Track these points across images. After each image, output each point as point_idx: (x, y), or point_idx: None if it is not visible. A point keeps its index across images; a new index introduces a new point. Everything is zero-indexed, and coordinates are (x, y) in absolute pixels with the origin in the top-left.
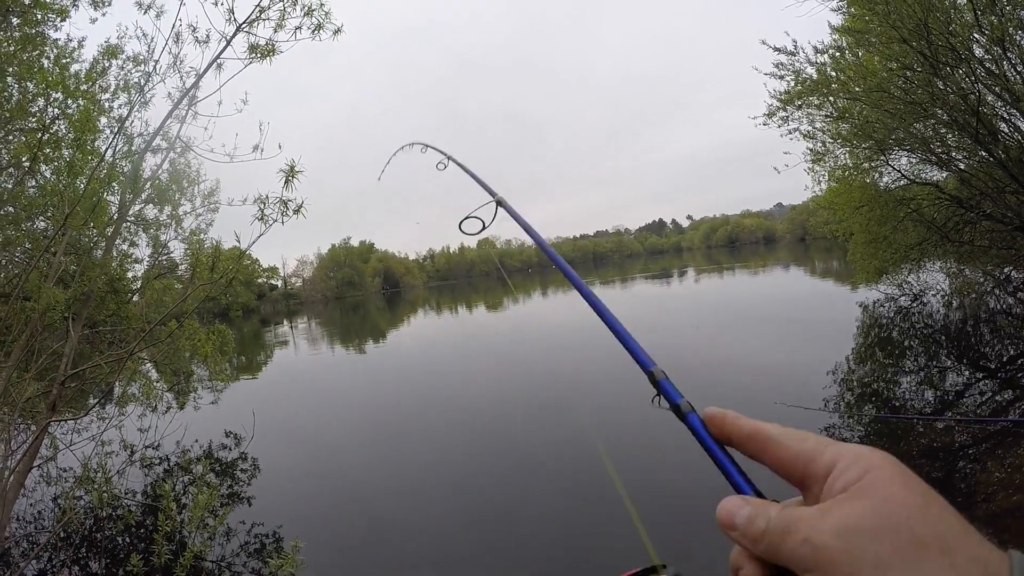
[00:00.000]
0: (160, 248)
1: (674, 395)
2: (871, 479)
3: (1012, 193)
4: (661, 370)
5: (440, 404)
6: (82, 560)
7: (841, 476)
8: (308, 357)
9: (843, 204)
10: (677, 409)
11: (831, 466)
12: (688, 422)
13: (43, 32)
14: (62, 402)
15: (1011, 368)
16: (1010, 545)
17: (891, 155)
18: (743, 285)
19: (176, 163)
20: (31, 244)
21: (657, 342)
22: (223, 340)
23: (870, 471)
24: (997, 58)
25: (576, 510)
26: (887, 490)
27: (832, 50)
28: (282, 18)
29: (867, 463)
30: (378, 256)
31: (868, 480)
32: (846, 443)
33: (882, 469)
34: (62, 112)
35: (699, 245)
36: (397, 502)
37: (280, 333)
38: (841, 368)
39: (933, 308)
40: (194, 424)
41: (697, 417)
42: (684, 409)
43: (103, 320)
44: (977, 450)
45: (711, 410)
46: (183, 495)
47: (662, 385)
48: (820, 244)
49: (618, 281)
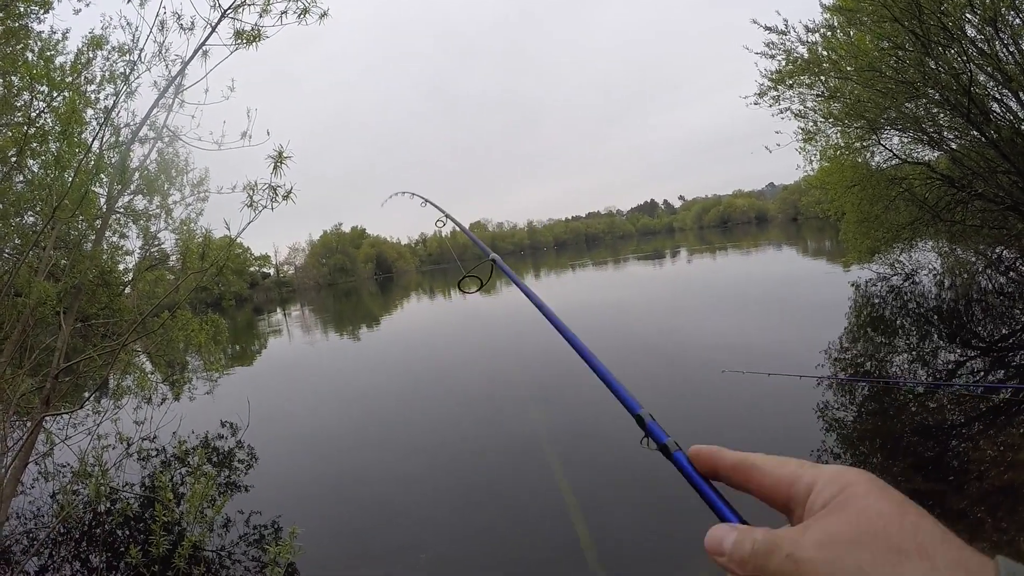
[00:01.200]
0: (150, 239)
1: (661, 436)
2: (848, 494)
3: (1004, 173)
4: (648, 413)
5: (434, 389)
6: (82, 554)
7: (820, 495)
8: (302, 345)
9: (835, 184)
10: (665, 449)
11: (811, 487)
12: (675, 460)
13: (26, 25)
14: (56, 396)
15: (1002, 346)
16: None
17: (883, 134)
18: (735, 265)
19: (164, 152)
20: (20, 239)
21: (650, 323)
22: (216, 330)
23: (847, 488)
24: (989, 38)
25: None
26: (864, 502)
27: (823, 29)
28: (267, 3)
29: (844, 481)
30: (370, 241)
31: (845, 495)
32: (825, 465)
33: (858, 485)
34: (48, 105)
35: (691, 226)
36: (393, 488)
37: (274, 321)
38: (834, 347)
39: (925, 287)
40: (190, 415)
41: (683, 455)
42: (671, 448)
43: (95, 313)
44: (970, 428)
45: (697, 448)
46: (181, 486)
47: (649, 427)
48: (812, 224)
49: (611, 262)
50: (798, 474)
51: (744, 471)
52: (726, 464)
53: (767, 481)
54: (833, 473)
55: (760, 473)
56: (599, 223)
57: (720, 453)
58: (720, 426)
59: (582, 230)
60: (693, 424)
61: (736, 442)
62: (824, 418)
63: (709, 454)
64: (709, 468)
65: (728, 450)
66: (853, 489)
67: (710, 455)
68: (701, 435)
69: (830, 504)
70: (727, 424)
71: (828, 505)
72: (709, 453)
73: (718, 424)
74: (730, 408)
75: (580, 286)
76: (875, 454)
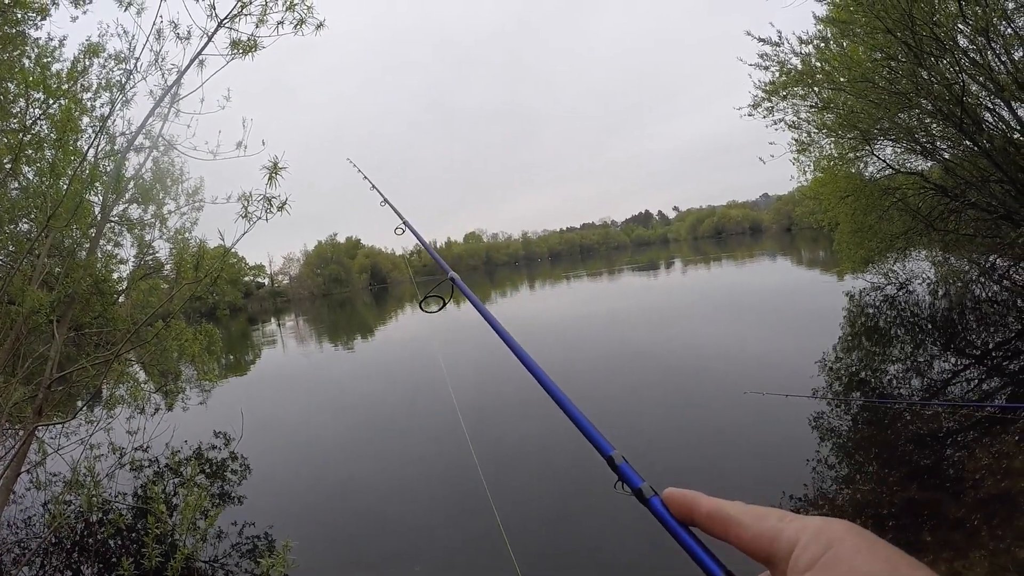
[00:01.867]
0: (145, 248)
1: (635, 479)
2: (834, 553)
3: (996, 182)
4: (620, 454)
5: (428, 399)
6: (74, 565)
7: (805, 552)
8: (296, 355)
9: (828, 194)
10: (639, 494)
11: (793, 543)
12: (651, 506)
13: (23, 31)
14: (49, 406)
15: (997, 355)
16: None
17: (876, 145)
18: (729, 276)
19: (159, 161)
20: (14, 247)
21: (646, 332)
22: (210, 340)
23: (832, 545)
24: (981, 48)
25: (567, 504)
26: (851, 562)
27: (817, 40)
28: (264, 13)
29: (828, 537)
30: (364, 252)
31: (832, 555)
32: (806, 517)
33: (844, 541)
34: (44, 112)
35: (686, 236)
36: (387, 498)
37: (268, 331)
38: (828, 357)
39: (919, 296)
40: (183, 425)
41: (659, 500)
42: (646, 494)
43: (89, 322)
44: (965, 437)
45: (671, 492)
46: (173, 497)
47: (622, 470)
48: (806, 234)
49: (605, 273)
50: (779, 528)
51: (721, 521)
52: (701, 512)
53: (746, 535)
54: (817, 528)
55: (738, 526)
56: (594, 234)
57: (695, 500)
58: (709, 438)
59: (577, 241)
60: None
61: (724, 450)
62: (819, 428)
63: (684, 500)
64: (685, 514)
65: (704, 496)
66: (840, 548)
67: (685, 501)
68: (679, 452)
69: (816, 565)
70: (717, 436)
71: (814, 567)
72: (684, 499)
73: (704, 434)
74: (723, 421)
75: (576, 298)
76: (870, 463)
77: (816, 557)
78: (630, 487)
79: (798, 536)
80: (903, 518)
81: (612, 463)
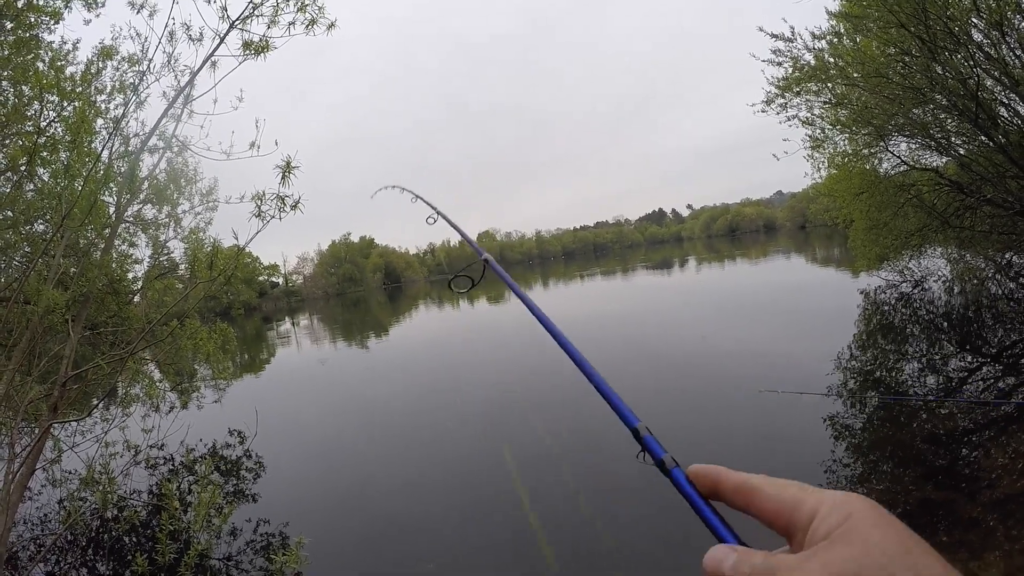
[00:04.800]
0: (159, 248)
1: (658, 450)
2: (852, 524)
3: (1012, 178)
4: (645, 426)
5: (443, 399)
6: (89, 562)
7: (823, 523)
8: (310, 354)
9: (843, 191)
10: (661, 464)
11: (813, 513)
12: (672, 477)
13: (37, 35)
14: (64, 404)
15: (1013, 353)
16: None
17: (890, 141)
18: (744, 274)
19: (173, 162)
20: (30, 247)
21: (661, 332)
22: (225, 338)
23: (851, 517)
24: (996, 42)
25: (580, 505)
26: (868, 535)
27: (830, 36)
28: (276, 14)
29: (847, 509)
30: (379, 251)
31: (849, 526)
32: (827, 490)
33: (863, 514)
34: (58, 114)
35: (699, 234)
36: (401, 497)
37: (282, 331)
38: (844, 355)
39: (935, 294)
40: (198, 423)
41: (681, 472)
42: (668, 465)
43: (104, 321)
44: (981, 436)
45: (696, 467)
46: (188, 494)
47: (646, 441)
48: (820, 231)
49: (619, 272)
50: (800, 499)
51: (746, 493)
52: (728, 485)
53: (769, 505)
54: (837, 500)
55: (762, 496)
56: (607, 232)
57: (722, 473)
58: (724, 436)
59: (590, 239)
60: (694, 435)
61: (739, 448)
62: (834, 426)
63: (709, 474)
64: (709, 488)
65: (730, 470)
66: (857, 519)
67: (711, 475)
68: (702, 445)
69: (833, 534)
70: (732, 434)
71: (831, 535)
72: (709, 473)
73: (719, 432)
74: (738, 419)
75: (590, 296)
76: (886, 462)
77: (833, 528)
78: (653, 458)
79: (818, 507)
80: (918, 517)
81: (637, 435)
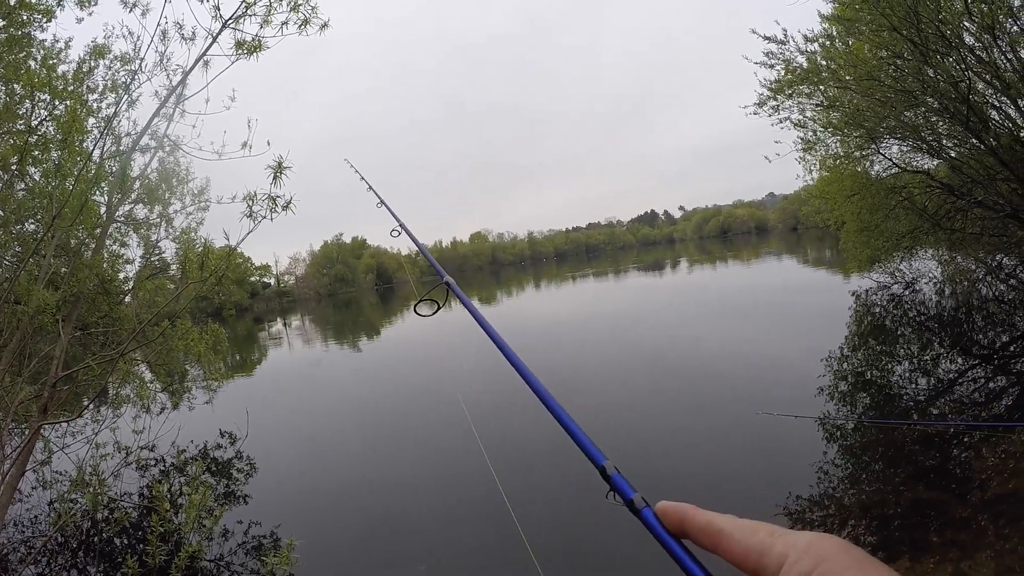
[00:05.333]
0: (151, 248)
1: (627, 490)
2: (824, 570)
3: (1003, 181)
4: (613, 464)
5: (433, 400)
6: (79, 564)
7: (793, 569)
8: (302, 355)
9: (834, 193)
10: (631, 504)
11: (782, 559)
12: (642, 518)
13: (29, 33)
14: (55, 404)
15: (1004, 355)
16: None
17: (882, 143)
18: (735, 275)
19: (165, 162)
20: (20, 247)
21: (651, 336)
22: (216, 339)
23: (822, 562)
24: (987, 45)
25: (572, 509)
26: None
27: (822, 39)
28: (268, 13)
29: (818, 554)
30: (370, 252)
31: (821, 571)
32: (796, 532)
33: (834, 559)
34: (50, 113)
35: (691, 236)
36: (391, 498)
37: (274, 332)
38: (834, 357)
39: (926, 296)
40: (189, 424)
41: (651, 512)
42: (638, 505)
43: (95, 322)
44: (971, 437)
45: (664, 504)
46: (179, 496)
47: (615, 480)
48: (812, 233)
49: (611, 273)
50: (768, 544)
51: (712, 535)
52: (694, 525)
53: (736, 549)
54: (806, 544)
55: (728, 539)
56: (599, 234)
57: (688, 512)
58: (705, 443)
59: (582, 241)
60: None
61: (731, 454)
62: (824, 428)
63: (676, 512)
64: (677, 527)
65: (697, 509)
66: (829, 565)
67: (677, 513)
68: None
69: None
70: (712, 439)
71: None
72: (676, 511)
73: (700, 440)
74: (724, 425)
75: (580, 299)
76: (876, 462)
77: (805, 574)
78: (622, 498)
79: (787, 552)
80: (909, 518)
81: (604, 473)
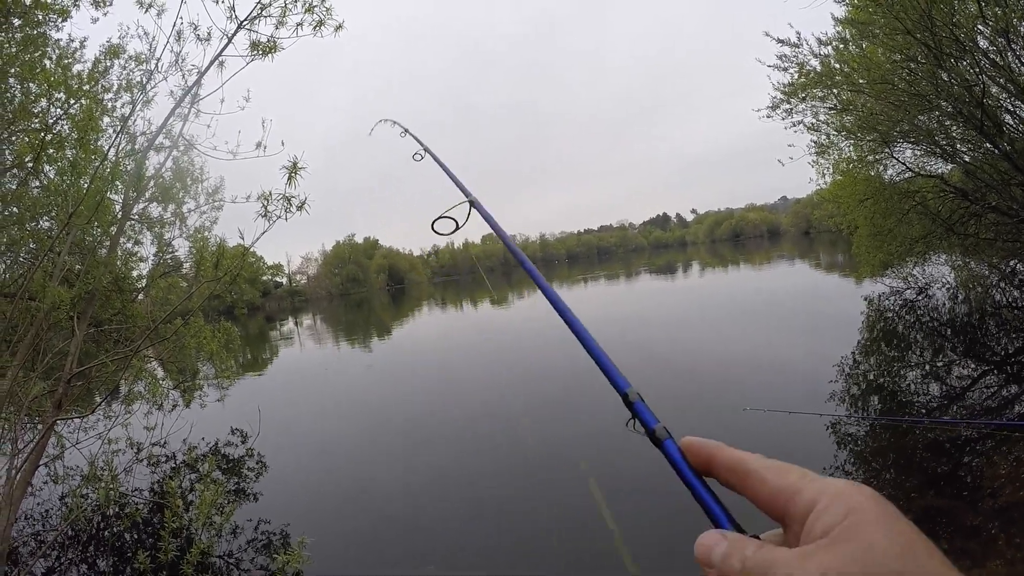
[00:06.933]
0: (165, 246)
1: (649, 419)
2: (853, 522)
3: (1017, 185)
4: (636, 391)
5: (445, 400)
6: (89, 558)
7: (821, 516)
8: (313, 354)
9: (847, 197)
10: (652, 435)
11: (812, 504)
12: (664, 449)
13: (45, 33)
14: (68, 400)
15: (1017, 362)
16: None
17: (895, 147)
18: (747, 279)
19: (179, 161)
20: (36, 244)
21: (658, 337)
22: (228, 337)
23: (852, 513)
24: (1001, 49)
25: (573, 513)
26: (870, 535)
27: (836, 42)
28: (283, 15)
29: (848, 503)
30: (382, 252)
31: (850, 523)
32: (828, 479)
33: (864, 511)
34: (65, 112)
35: (703, 239)
36: (402, 498)
37: (285, 331)
38: (847, 362)
39: (939, 301)
40: (200, 421)
41: (674, 444)
42: (660, 435)
43: (108, 319)
44: (983, 444)
45: (690, 439)
46: (190, 492)
47: (636, 408)
48: (824, 237)
49: (623, 276)
50: (798, 487)
51: (740, 475)
52: (721, 462)
53: (764, 490)
54: (837, 491)
55: (757, 480)
56: (611, 236)
57: (716, 449)
58: None
59: (594, 243)
60: None
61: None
62: (835, 433)
63: (704, 448)
64: (703, 463)
65: (726, 447)
66: (859, 516)
67: (705, 449)
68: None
69: (833, 532)
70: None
71: (831, 532)
72: (704, 447)
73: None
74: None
75: (592, 300)
76: (887, 470)
77: (832, 524)
78: (644, 427)
79: (817, 498)
80: (920, 524)
81: (627, 400)
